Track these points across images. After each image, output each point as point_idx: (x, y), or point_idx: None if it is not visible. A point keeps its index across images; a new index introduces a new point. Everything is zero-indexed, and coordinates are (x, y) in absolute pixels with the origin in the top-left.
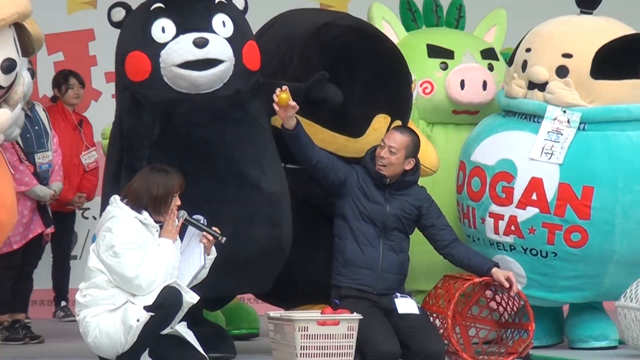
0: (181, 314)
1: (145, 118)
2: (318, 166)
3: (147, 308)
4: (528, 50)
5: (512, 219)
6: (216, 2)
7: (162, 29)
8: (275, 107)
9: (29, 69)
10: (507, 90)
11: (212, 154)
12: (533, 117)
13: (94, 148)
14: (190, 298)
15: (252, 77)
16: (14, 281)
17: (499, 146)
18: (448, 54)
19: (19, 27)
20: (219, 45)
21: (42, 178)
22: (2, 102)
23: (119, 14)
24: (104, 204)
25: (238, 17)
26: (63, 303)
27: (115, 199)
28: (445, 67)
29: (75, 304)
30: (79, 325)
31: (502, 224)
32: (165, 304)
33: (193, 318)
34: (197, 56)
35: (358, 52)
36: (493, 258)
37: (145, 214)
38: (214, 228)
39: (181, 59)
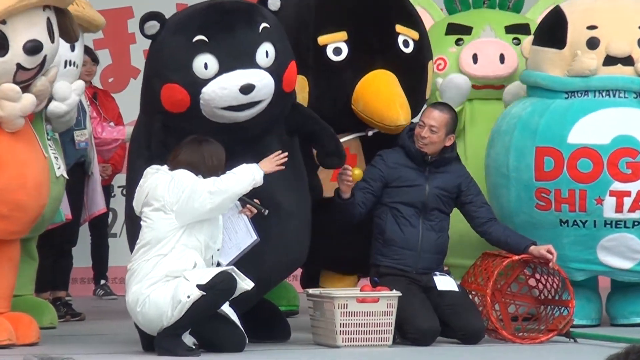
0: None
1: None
2: (365, 210)
3: (200, 287)
4: (591, 27)
5: None
6: (261, 29)
7: (205, 65)
8: (343, 180)
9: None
10: (571, 70)
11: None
12: (619, 93)
13: (112, 121)
14: (246, 285)
15: (287, 99)
16: (54, 259)
17: (605, 124)
18: (466, 30)
19: (60, 12)
20: (263, 88)
21: (80, 156)
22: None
23: (153, 28)
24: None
25: (280, 41)
26: (102, 281)
27: (159, 168)
28: (461, 43)
29: (128, 273)
30: (126, 296)
31: (627, 201)
32: (218, 286)
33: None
34: (241, 102)
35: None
36: (607, 237)
37: None
38: (255, 200)
39: (226, 104)
